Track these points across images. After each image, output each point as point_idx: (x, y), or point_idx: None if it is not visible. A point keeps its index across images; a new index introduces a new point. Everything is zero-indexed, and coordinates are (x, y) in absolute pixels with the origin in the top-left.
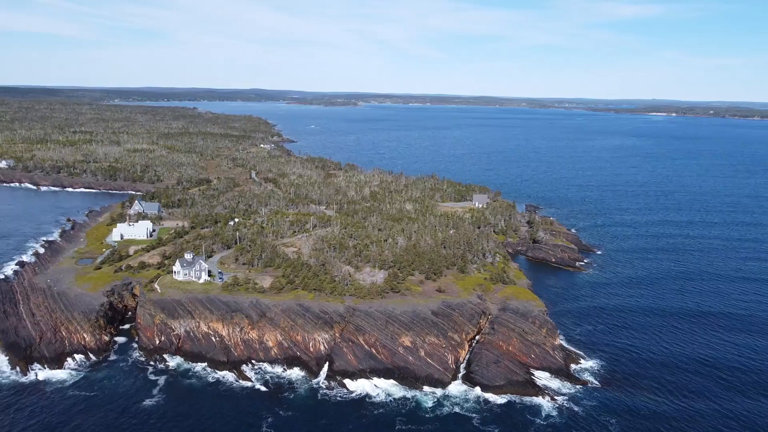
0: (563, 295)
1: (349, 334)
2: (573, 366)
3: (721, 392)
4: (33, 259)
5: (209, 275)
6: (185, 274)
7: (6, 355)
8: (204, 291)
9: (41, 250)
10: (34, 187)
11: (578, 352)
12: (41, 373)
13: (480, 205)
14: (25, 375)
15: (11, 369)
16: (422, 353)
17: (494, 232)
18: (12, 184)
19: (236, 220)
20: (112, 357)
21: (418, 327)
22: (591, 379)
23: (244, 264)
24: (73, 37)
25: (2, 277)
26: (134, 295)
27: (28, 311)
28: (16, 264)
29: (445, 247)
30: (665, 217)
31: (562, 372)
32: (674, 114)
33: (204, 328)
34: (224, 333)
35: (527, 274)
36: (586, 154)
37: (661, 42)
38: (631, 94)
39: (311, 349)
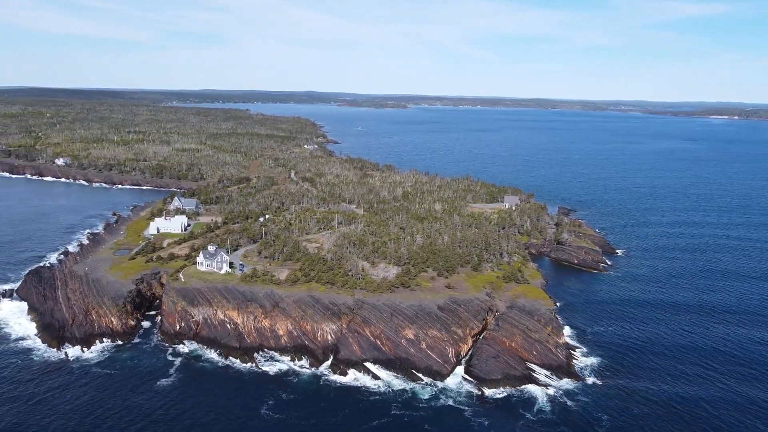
0: (580, 296)
1: (356, 325)
2: (576, 364)
3: (733, 386)
4: (77, 249)
5: (231, 267)
6: (207, 265)
7: (41, 335)
8: (223, 281)
9: (85, 241)
10: (87, 184)
11: (584, 349)
12: (70, 351)
13: (510, 207)
14: (57, 352)
15: (44, 347)
16: (424, 345)
17: (519, 233)
18: (68, 181)
19: (266, 216)
20: (136, 340)
21: (422, 320)
22: (591, 376)
23: (266, 257)
24: (136, 41)
25: (47, 264)
26: (161, 284)
27: (65, 296)
28: (61, 253)
29: (461, 246)
30: (702, 220)
31: (562, 369)
32: (736, 117)
33: (221, 315)
34: (239, 321)
35: (548, 275)
36: (632, 157)
37: (725, 42)
38: (692, 96)
39: (319, 339)
